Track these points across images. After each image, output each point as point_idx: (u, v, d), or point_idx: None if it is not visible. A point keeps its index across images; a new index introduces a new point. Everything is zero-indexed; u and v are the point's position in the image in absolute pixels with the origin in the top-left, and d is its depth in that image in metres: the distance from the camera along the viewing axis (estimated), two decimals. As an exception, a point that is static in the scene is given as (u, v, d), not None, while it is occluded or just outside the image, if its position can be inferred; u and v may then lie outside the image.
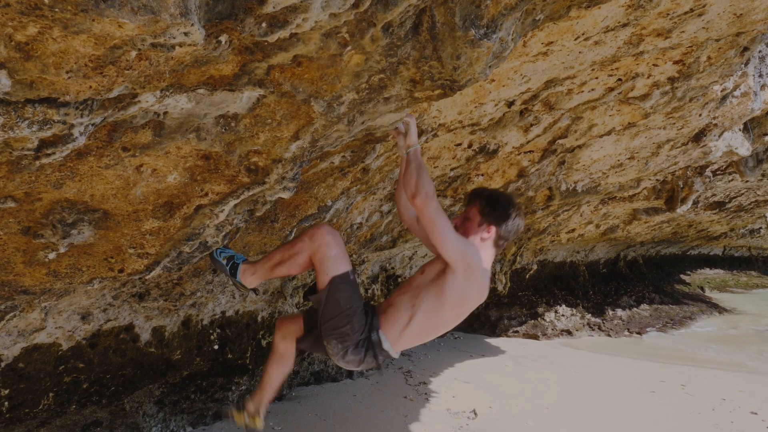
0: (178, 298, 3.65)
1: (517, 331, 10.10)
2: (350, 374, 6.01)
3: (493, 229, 2.17)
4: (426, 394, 5.82)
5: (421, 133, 3.42)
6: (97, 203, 1.73)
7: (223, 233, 2.17)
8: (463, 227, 2.21)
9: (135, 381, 3.61)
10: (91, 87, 1.17)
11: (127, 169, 1.64)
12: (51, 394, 3.05)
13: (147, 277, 2.60)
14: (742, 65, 5.85)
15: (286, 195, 2.06)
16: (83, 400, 3.31)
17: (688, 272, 19.84)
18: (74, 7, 0.98)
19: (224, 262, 2.46)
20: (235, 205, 2.03)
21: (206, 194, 1.93)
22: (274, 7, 1.23)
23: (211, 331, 4.18)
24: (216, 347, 4.20)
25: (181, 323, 3.89)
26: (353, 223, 4.19)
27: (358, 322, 2.14)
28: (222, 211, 2.02)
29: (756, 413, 5.86)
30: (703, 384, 7.00)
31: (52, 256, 1.91)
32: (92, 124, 1.31)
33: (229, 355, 4.31)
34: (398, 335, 2.17)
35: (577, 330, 10.62)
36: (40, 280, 2.04)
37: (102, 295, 3.03)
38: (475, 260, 2.09)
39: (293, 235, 3.27)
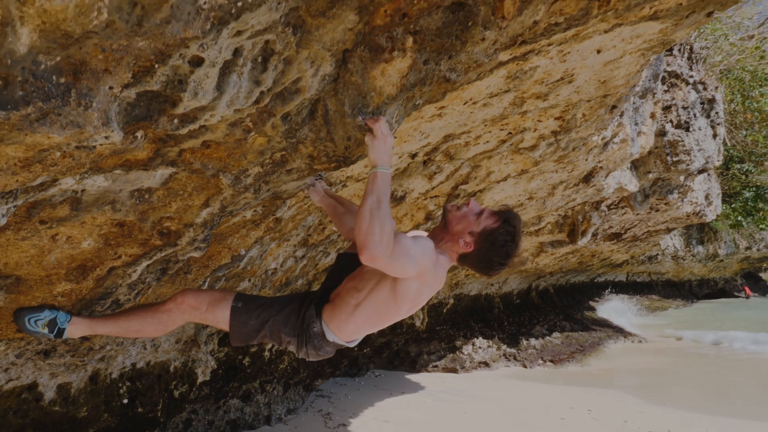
0: (87, 353, 3.57)
1: (436, 366, 10.35)
2: (268, 420, 5.97)
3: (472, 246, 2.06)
4: (345, 435, 5.88)
5: (330, 185, 3.64)
6: (10, 270, 1.79)
7: (136, 291, 2.26)
8: (455, 222, 2.10)
9: (38, 443, 3.46)
10: (18, 180, 1.30)
11: (42, 239, 1.73)
12: (-58, 465, 2.87)
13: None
14: (617, 118, 6.67)
15: (197, 254, 2.19)
16: (-21, 467, 3.13)
17: (596, 299, 21.19)
18: (11, 127, 1.12)
19: (45, 330, 2.15)
20: (148, 266, 2.13)
21: (119, 257, 2.03)
22: (184, 109, 1.43)
23: (120, 385, 4.07)
24: (125, 401, 4.09)
25: (89, 378, 3.78)
26: (268, 268, 4.31)
27: (286, 324, 2.11)
28: (135, 272, 2.12)
29: (653, 433, 6.42)
30: (608, 407, 7.53)
31: (-43, 321, 1.91)
32: (14, 207, 1.42)
33: (140, 409, 4.20)
34: (343, 322, 2.10)
35: (494, 361, 11.02)
36: (-57, 345, 2.01)
37: (5, 354, 2.94)
38: (429, 269, 1.98)
39: (206, 285, 3.35)
